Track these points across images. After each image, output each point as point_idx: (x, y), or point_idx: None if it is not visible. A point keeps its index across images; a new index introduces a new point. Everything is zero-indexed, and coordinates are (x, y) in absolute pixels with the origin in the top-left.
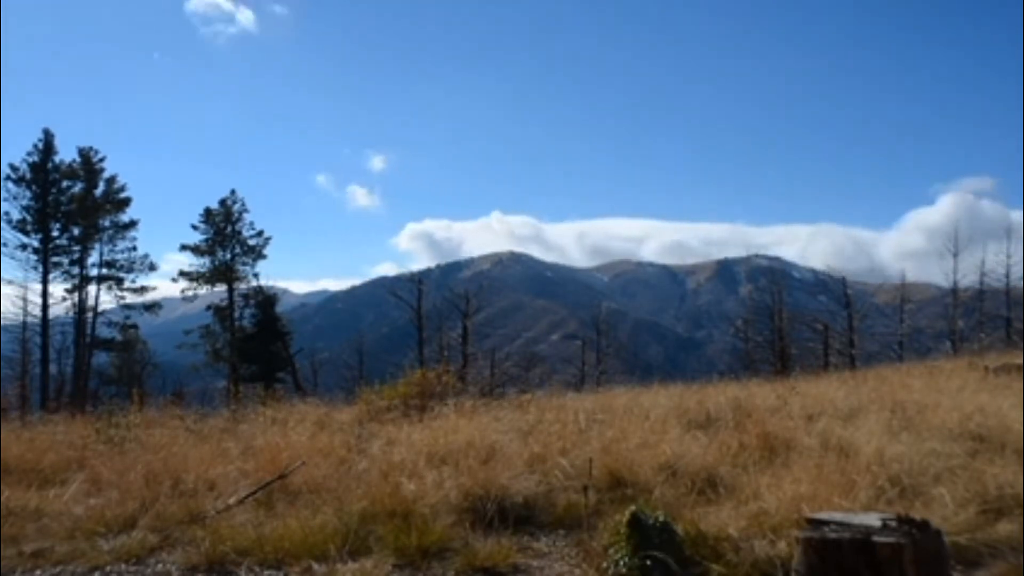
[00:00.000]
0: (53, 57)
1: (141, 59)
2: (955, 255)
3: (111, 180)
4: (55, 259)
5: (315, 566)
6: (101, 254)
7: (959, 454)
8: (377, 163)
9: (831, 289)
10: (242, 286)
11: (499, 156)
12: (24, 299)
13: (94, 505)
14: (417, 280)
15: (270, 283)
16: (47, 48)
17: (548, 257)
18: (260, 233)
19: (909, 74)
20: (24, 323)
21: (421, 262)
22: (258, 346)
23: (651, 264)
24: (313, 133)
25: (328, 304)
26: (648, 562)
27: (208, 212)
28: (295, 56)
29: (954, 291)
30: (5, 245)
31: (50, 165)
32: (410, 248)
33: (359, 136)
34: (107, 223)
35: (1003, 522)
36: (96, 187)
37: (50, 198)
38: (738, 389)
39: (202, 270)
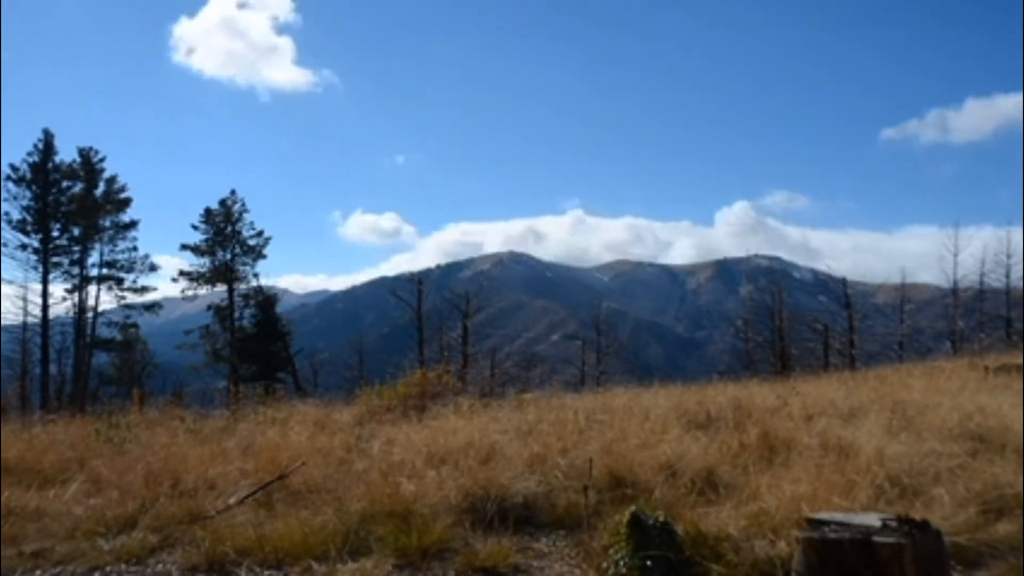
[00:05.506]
0: (53, 57)
1: (142, 59)
2: (955, 255)
3: (111, 180)
4: (55, 259)
5: (315, 566)
6: (101, 254)
7: (959, 454)
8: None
9: (831, 289)
10: (242, 286)
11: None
12: (24, 299)
13: (94, 505)
14: (417, 280)
15: (271, 283)
16: (47, 48)
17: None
18: (260, 233)
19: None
20: (24, 323)
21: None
22: (258, 346)
23: (651, 264)
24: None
25: (328, 304)
26: (648, 562)
27: (208, 212)
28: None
29: (954, 291)
30: (5, 245)
31: (50, 165)
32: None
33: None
34: (107, 223)
35: (1003, 522)
36: (96, 187)
37: (50, 198)
38: (738, 389)
39: (202, 270)
